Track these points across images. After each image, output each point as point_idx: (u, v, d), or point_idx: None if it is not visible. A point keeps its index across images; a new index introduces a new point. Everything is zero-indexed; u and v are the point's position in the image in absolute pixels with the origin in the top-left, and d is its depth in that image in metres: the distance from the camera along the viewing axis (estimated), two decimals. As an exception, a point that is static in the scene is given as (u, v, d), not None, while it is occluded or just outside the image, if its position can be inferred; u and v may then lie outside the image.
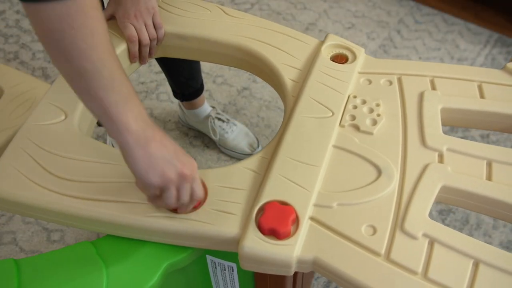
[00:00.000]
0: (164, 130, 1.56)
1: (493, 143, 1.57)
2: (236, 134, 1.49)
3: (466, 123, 0.84)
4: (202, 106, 1.48)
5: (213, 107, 1.51)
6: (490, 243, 1.33)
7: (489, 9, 2.02)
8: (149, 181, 0.61)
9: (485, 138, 1.58)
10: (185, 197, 0.65)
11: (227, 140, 1.49)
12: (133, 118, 0.60)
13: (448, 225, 1.35)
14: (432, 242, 0.67)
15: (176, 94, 1.44)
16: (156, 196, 0.65)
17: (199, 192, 0.67)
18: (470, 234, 1.35)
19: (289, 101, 0.83)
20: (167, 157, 0.62)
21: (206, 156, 1.50)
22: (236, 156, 1.51)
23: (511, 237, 1.34)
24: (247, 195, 0.71)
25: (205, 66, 1.76)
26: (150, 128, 0.62)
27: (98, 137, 1.53)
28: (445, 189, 0.72)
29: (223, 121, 1.49)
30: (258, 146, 1.51)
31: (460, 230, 1.36)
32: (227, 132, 1.48)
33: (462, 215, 1.39)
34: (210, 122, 1.48)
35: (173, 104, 1.63)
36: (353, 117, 0.80)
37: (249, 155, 1.49)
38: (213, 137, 1.49)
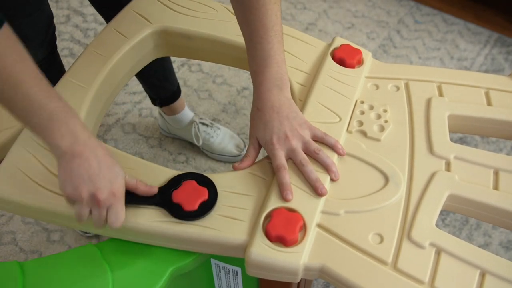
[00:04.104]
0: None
1: (493, 143, 1.57)
2: (221, 137, 1.47)
3: (473, 130, 0.84)
4: (184, 111, 1.45)
5: (195, 113, 1.48)
6: (490, 243, 1.33)
7: (489, 9, 2.03)
8: (64, 190, 0.65)
9: (485, 138, 1.58)
10: (95, 218, 0.66)
11: (213, 145, 1.46)
12: (59, 135, 0.64)
13: (448, 225, 1.37)
14: (439, 252, 0.67)
15: (154, 101, 1.40)
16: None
17: (113, 219, 0.66)
18: (470, 234, 1.36)
19: (296, 105, 0.83)
20: (84, 175, 0.64)
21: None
22: (224, 159, 1.48)
23: (511, 237, 1.35)
24: (255, 201, 0.71)
25: (204, 66, 1.75)
26: (79, 145, 0.65)
27: (98, 137, 1.52)
28: (452, 198, 0.72)
29: (207, 125, 1.46)
30: (244, 146, 1.49)
31: (460, 230, 1.36)
32: (212, 137, 1.45)
33: (462, 215, 1.40)
34: (194, 127, 1.44)
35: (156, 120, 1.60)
36: (361, 123, 0.80)
37: (237, 156, 1.47)
38: (196, 143, 1.46)
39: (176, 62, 1.75)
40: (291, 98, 0.77)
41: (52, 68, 1.02)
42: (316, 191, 0.71)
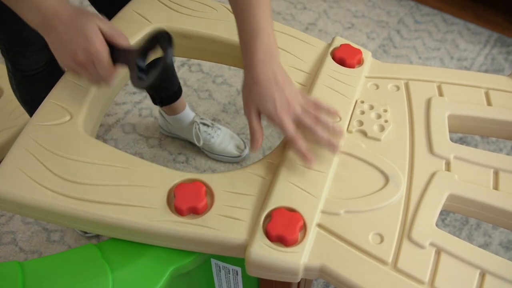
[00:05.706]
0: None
1: (493, 143, 1.57)
2: (222, 137, 1.47)
3: (473, 130, 0.84)
4: (185, 111, 1.45)
5: (196, 114, 1.48)
6: (490, 243, 1.33)
7: (489, 9, 2.03)
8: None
9: (485, 138, 1.58)
10: (88, 79, 0.73)
11: (214, 145, 1.46)
12: (30, 18, 0.70)
13: (448, 225, 1.37)
14: (439, 252, 0.67)
15: (154, 100, 1.40)
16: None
17: (102, 72, 0.72)
18: (470, 234, 1.36)
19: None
20: (59, 47, 0.70)
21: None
22: (224, 160, 1.48)
23: (511, 237, 1.35)
24: (255, 201, 0.71)
25: (204, 66, 1.75)
26: (48, 19, 0.69)
27: (98, 137, 1.52)
28: (452, 198, 0.72)
29: (208, 125, 1.46)
30: (245, 147, 1.49)
31: (460, 230, 1.36)
32: (213, 137, 1.46)
33: (462, 215, 1.40)
34: (195, 128, 1.44)
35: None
36: (361, 123, 0.80)
37: (237, 157, 1.48)
38: (196, 143, 1.46)
39: (176, 62, 1.75)
40: (282, 66, 0.77)
41: (56, 72, 1.02)
42: (332, 148, 0.73)
